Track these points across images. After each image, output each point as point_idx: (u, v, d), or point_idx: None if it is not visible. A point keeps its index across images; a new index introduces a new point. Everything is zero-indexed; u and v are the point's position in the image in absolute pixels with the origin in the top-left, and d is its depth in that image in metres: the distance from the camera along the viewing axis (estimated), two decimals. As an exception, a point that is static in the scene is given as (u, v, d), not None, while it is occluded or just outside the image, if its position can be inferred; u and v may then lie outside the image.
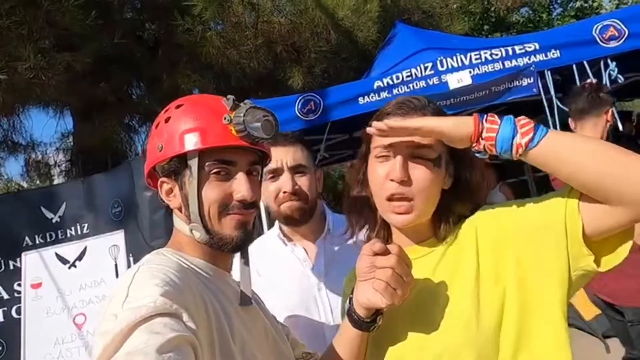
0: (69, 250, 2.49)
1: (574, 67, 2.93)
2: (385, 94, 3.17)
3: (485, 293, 0.75)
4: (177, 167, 0.80)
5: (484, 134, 0.72)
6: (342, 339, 0.83)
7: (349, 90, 3.29)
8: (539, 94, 2.95)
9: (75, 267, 2.46)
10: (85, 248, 2.49)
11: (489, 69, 3.04)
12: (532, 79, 2.90)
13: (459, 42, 3.75)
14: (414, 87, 3.14)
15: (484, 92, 3.01)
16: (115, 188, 2.56)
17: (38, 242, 2.54)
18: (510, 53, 3.03)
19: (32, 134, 5.91)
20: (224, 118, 0.78)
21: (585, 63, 2.89)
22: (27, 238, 2.54)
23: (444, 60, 3.12)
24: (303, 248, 1.29)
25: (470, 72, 3.06)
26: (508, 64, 3.02)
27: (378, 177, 0.82)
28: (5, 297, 2.47)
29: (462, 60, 3.10)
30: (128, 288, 0.65)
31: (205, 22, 4.16)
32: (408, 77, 3.16)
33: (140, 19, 4.85)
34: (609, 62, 2.86)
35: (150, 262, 0.73)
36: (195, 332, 0.64)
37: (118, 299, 0.63)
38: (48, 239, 2.55)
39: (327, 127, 3.40)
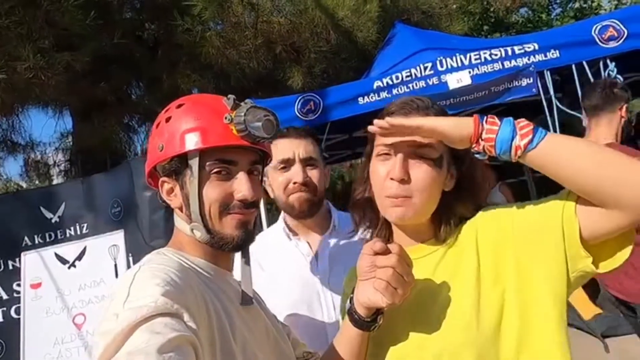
0: (69, 250, 2.49)
1: (574, 67, 2.93)
2: (385, 94, 3.17)
3: (486, 293, 0.76)
4: (177, 166, 0.80)
5: (484, 135, 0.72)
6: (342, 339, 0.83)
7: (349, 91, 3.30)
8: (539, 94, 2.95)
9: (75, 267, 2.45)
10: (85, 248, 2.49)
11: (489, 69, 3.05)
12: (531, 79, 2.91)
13: (459, 42, 3.75)
14: (414, 87, 3.14)
15: (484, 92, 3.02)
16: (115, 188, 2.55)
17: (37, 242, 2.54)
18: (510, 53, 3.04)
19: (31, 134, 5.91)
20: (225, 118, 0.78)
21: (585, 63, 2.90)
22: (26, 238, 2.53)
23: (444, 61, 3.13)
24: (307, 243, 1.28)
25: (470, 72, 3.06)
26: (507, 64, 3.02)
27: (379, 175, 0.83)
28: (5, 297, 2.47)
29: (461, 61, 3.10)
30: (129, 288, 0.65)
31: (205, 22, 4.16)
32: (408, 77, 3.17)
33: (140, 19, 4.84)
34: (608, 62, 2.87)
35: (151, 261, 0.73)
36: (196, 332, 0.64)
37: (119, 299, 0.63)
38: (47, 239, 2.55)
39: (326, 127, 3.40)
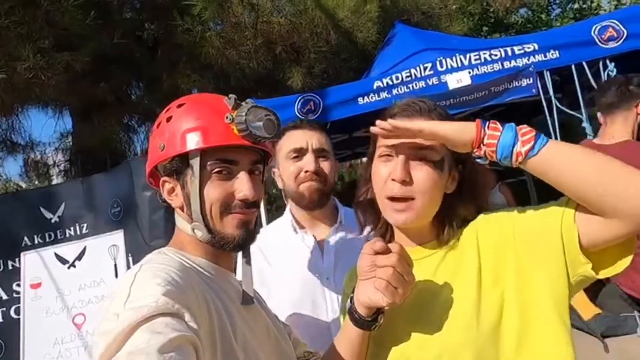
0: (68, 250, 2.48)
1: (573, 67, 2.94)
2: (385, 94, 3.17)
3: (486, 295, 0.76)
4: (178, 166, 0.80)
5: (486, 140, 0.73)
6: (343, 338, 0.83)
7: (349, 91, 3.29)
8: (538, 95, 2.95)
9: (75, 267, 2.45)
10: (85, 248, 2.48)
11: (488, 70, 3.05)
12: (531, 80, 2.91)
13: (459, 42, 3.75)
14: (414, 87, 3.14)
15: (483, 92, 3.02)
16: (115, 188, 2.55)
17: (37, 242, 2.54)
18: (510, 54, 3.04)
19: (31, 134, 5.89)
20: (226, 117, 0.78)
21: (584, 63, 2.90)
22: (26, 238, 2.53)
23: (444, 61, 3.13)
24: (313, 236, 1.29)
25: (470, 72, 3.06)
26: (507, 65, 3.02)
27: (380, 176, 0.83)
28: (4, 297, 2.46)
29: (461, 61, 3.10)
30: (130, 287, 0.64)
31: (205, 22, 4.15)
32: (408, 77, 3.17)
33: (140, 19, 4.84)
34: (608, 62, 2.87)
35: (152, 261, 0.73)
36: (197, 331, 0.63)
37: (120, 299, 0.63)
38: (47, 239, 2.55)
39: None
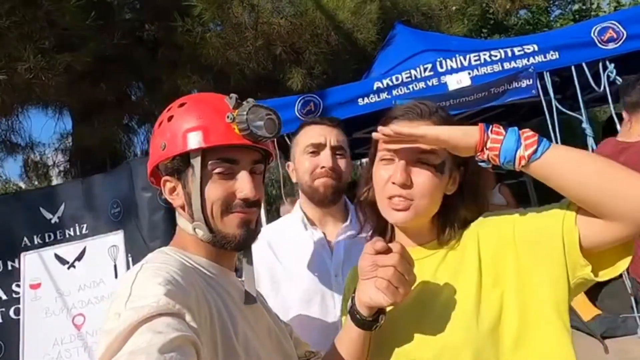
0: (68, 251, 2.48)
1: (573, 68, 2.94)
2: (385, 95, 3.18)
3: (486, 295, 0.77)
4: (180, 165, 0.80)
5: (489, 144, 0.73)
6: (344, 338, 0.83)
7: (349, 91, 3.30)
8: (538, 96, 2.96)
9: (75, 267, 2.45)
10: (85, 248, 2.48)
11: (488, 71, 3.05)
12: (531, 81, 2.91)
13: (458, 43, 3.76)
14: (414, 88, 3.14)
15: (483, 93, 3.02)
16: (115, 189, 2.55)
17: (37, 242, 2.54)
18: (510, 54, 3.04)
19: (30, 135, 5.89)
20: (227, 117, 0.78)
21: (584, 65, 2.91)
22: (25, 239, 2.53)
23: (444, 62, 3.13)
24: (323, 233, 1.29)
25: (470, 73, 3.07)
26: (507, 66, 3.03)
27: (381, 179, 0.84)
28: (4, 298, 2.46)
29: (461, 62, 3.11)
30: (131, 287, 0.64)
31: (205, 23, 4.16)
32: (407, 78, 3.17)
33: (140, 20, 4.84)
34: (608, 63, 2.88)
35: (154, 260, 0.73)
36: (198, 331, 0.63)
37: (121, 298, 0.63)
38: (47, 240, 2.55)
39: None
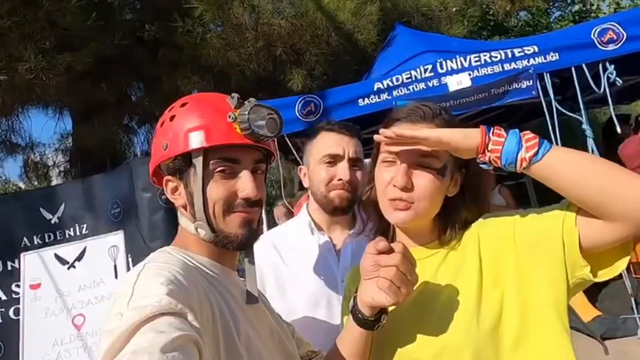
0: (68, 251, 2.48)
1: (573, 69, 2.94)
2: (385, 96, 3.18)
3: (486, 295, 0.77)
4: (181, 165, 0.80)
5: (490, 147, 0.74)
6: (346, 338, 0.83)
7: (349, 92, 3.30)
8: (538, 97, 2.96)
9: (75, 267, 2.45)
10: (85, 249, 2.48)
11: (489, 72, 3.06)
12: (531, 82, 2.92)
13: (459, 44, 3.76)
14: (414, 89, 3.15)
15: (484, 94, 3.02)
16: (115, 189, 2.55)
17: (37, 242, 2.53)
18: (510, 56, 3.04)
19: (31, 135, 5.88)
20: (229, 116, 0.78)
21: (584, 66, 2.91)
22: (25, 239, 2.53)
23: (444, 63, 3.13)
24: (330, 238, 1.29)
25: (470, 74, 3.07)
26: (507, 67, 3.03)
27: (382, 180, 0.84)
28: (4, 298, 2.46)
29: (461, 63, 3.11)
30: (133, 287, 0.65)
31: (206, 24, 4.17)
32: (408, 79, 3.17)
33: (141, 21, 4.85)
34: (608, 65, 2.88)
35: (156, 260, 0.73)
36: (200, 331, 0.63)
37: (123, 298, 0.63)
38: (47, 240, 2.54)
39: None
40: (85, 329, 2.31)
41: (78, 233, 2.55)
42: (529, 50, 3.01)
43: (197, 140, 0.77)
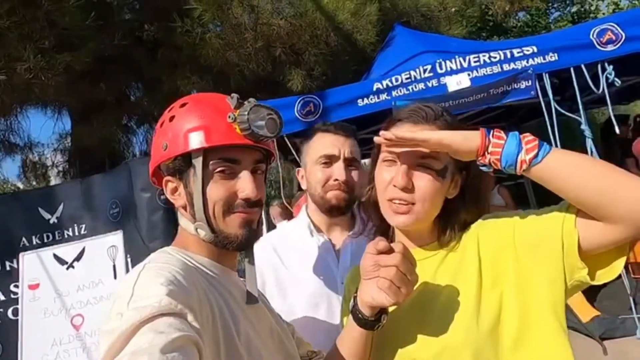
0: (67, 251, 2.47)
1: (572, 70, 2.95)
2: (385, 96, 3.18)
3: (485, 296, 0.78)
4: (181, 165, 0.80)
5: (490, 149, 0.74)
6: (346, 338, 0.83)
7: (349, 92, 3.30)
8: (537, 97, 2.97)
9: (73, 268, 2.44)
10: (84, 249, 2.47)
11: (488, 72, 3.06)
12: (530, 82, 2.93)
13: (458, 45, 3.77)
14: (413, 89, 3.15)
15: (483, 94, 3.03)
16: (114, 189, 2.54)
17: (35, 242, 2.52)
18: (509, 56, 3.05)
19: (29, 135, 5.87)
20: (228, 116, 0.78)
21: (583, 66, 2.92)
22: (24, 239, 2.52)
23: (443, 63, 3.14)
24: (329, 239, 1.29)
25: (469, 74, 3.07)
26: (506, 67, 3.04)
27: (383, 180, 0.85)
28: (2, 298, 2.45)
29: (461, 63, 3.11)
30: (133, 287, 0.64)
31: (205, 24, 4.16)
32: (407, 79, 3.18)
33: (140, 21, 4.84)
34: (606, 65, 2.89)
35: (156, 260, 0.73)
36: (200, 331, 0.63)
37: (123, 298, 0.63)
38: (45, 240, 2.54)
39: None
40: (84, 329, 2.30)
41: (77, 233, 2.54)
42: (528, 51, 3.02)
43: (196, 141, 0.77)
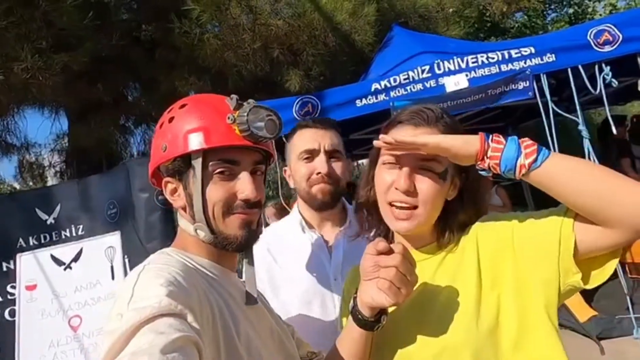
0: (64, 252, 2.46)
1: (569, 71, 2.96)
2: (383, 97, 3.18)
3: (485, 297, 0.78)
4: (181, 167, 0.80)
5: (489, 153, 0.74)
6: (346, 339, 0.83)
7: (347, 93, 3.31)
8: (535, 98, 2.98)
9: (71, 268, 2.43)
10: (81, 249, 2.46)
11: (486, 72, 3.07)
12: (527, 83, 2.94)
13: (456, 45, 3.78)
14: (411, 89, 3.16)
15: (481, 95, 3.04)
16: (111, 189, 2.53)
17: (32, 243, 2.51)
18: (507, 57, 3.06)
19: (26, 135, 5.85)
20: (228, 118, 0.78)
21: (580, 67, 2.93)
22: (21, 240, 2.51)
23: (441, 64, 3.15)
24: (321, 236, 1.29)
25: (467, 75, 3.08)
26: (504, 68, 3.05)
27: (384, 183, 0.84)
28: (-1, 299, 2.44)
29: (459, 64, 3.12)
30: (133, 288, 0.64)
31: (203, 24, 4.16)
32: (405, 79, 3.18)
33: (137, 21, 4.83)
34: (604, 66, 2.90)
35: (156, 262, 0.73)
36: (200, 332, 0.63)
37: (123, 299, 0.63)
38: (43, 241, 2.52)
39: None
40: (82, 331, 2.29)
41: (74, 234, 2.53)
42: (526, 52, 3.03)
43: (196, 142, 0.77)
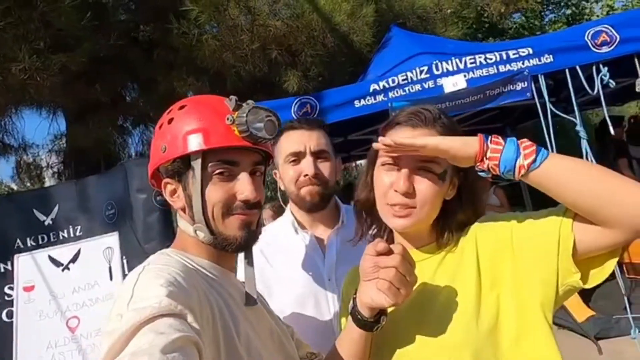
0: (62, 253, 2.45)
1: (567, 71, 2.97)
2: (381, 97, 3.19)
3: (485, 297, 0.78)
4: (180, 168, 0.80)
5: (488, 154, 0.74)
6: (345, 339, 0.83)
7: (345, 93, 3.30)
8: (533, 98, 2.99)
9: (69, 269, 2.42)
10: (79, 250, 2.46)
11: (484, 73, 3.08)
12: (525, 83, 2.95)
13: (454, 46, 3.78)
14: (410, 90, 3.16)
15: (479, 95, 3.04)
16: (109, 190, 2.53)
17: (30, 244, 2.50)
18: (505, 57, 3.07)
19: (24, 136, 5.84)
20: (227, 118, 0.78)
21: (578, 68, 2.94)
22: (18, 240, 2.50)
23: (439, 64, 3.15)
24: (314, 236, 1.28)
25: (465, 76, 3.09)
26: (502, 68, 3.06)
27: (383, 184, 0.84)
28: (-5, 300, 2.43)
29: (457, 65, 3.13)
30: (133, 288, 0.65)
31: (201, 25, 4.15)
32: (404, 80, 3.18)
33: (135, 21, 4.83)
34: (601, 67, 2.91)
35: (156, 262, 0.73)
36: (200, 332, 0.63)
37: (123, 299, 0.63)
38: (40, 242, 2.52)
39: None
40: (80, 332, 2.28)
41: (72, 235, 2.52)
42: (524, 52, 3.04)
43: (195, 143, 0.77)
